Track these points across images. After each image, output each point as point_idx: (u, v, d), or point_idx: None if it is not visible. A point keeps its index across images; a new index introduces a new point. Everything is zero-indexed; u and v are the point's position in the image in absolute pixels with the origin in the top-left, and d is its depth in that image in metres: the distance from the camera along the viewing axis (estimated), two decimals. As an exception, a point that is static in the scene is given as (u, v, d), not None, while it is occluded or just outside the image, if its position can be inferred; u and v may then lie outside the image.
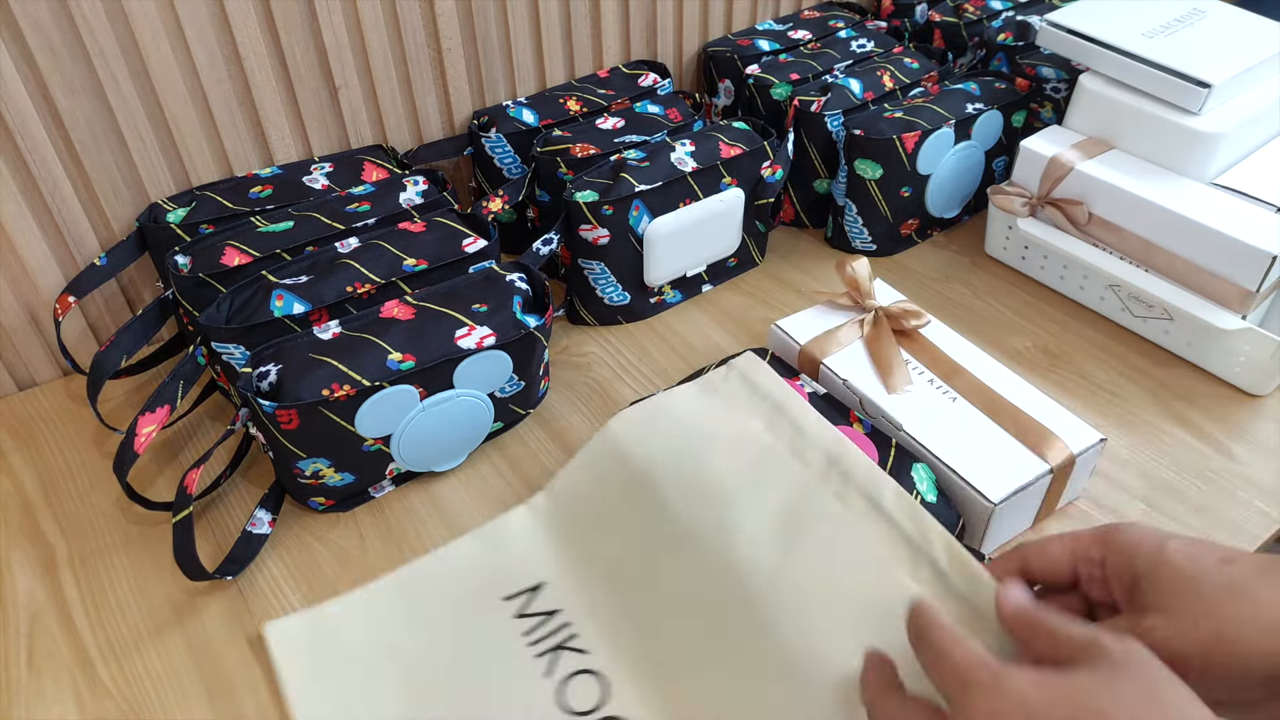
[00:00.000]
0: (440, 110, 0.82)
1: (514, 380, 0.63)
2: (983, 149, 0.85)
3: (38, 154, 0.65)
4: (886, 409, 0.61)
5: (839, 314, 0.69)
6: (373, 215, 0.68)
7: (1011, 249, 0.82)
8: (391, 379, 0.56)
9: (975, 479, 0.56)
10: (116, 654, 0.55)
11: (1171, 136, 0.73)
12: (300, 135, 0.76)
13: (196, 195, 0.70)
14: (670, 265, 0.77)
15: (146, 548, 0.60)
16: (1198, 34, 0.76)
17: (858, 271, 0.69)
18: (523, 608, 0.55)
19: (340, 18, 0.72)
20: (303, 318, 0.60)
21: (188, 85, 0.68)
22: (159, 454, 0.67)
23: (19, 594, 0.58)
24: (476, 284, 0.63)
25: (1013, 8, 1.00)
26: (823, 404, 0.61)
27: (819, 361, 0.65)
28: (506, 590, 0.55)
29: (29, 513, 0.63)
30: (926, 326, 0.67)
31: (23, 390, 0.73)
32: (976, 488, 0.55)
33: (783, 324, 0.69)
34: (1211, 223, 0.68)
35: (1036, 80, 0.87)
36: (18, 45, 0.61)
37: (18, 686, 0.53)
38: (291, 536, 0.61)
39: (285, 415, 0.55)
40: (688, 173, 0.73)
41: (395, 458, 0.61)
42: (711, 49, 0.94)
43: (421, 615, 0.55)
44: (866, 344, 0.66)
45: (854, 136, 0.79)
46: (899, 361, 0.64)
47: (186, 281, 0.63)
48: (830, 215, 0.88)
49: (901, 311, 0.67)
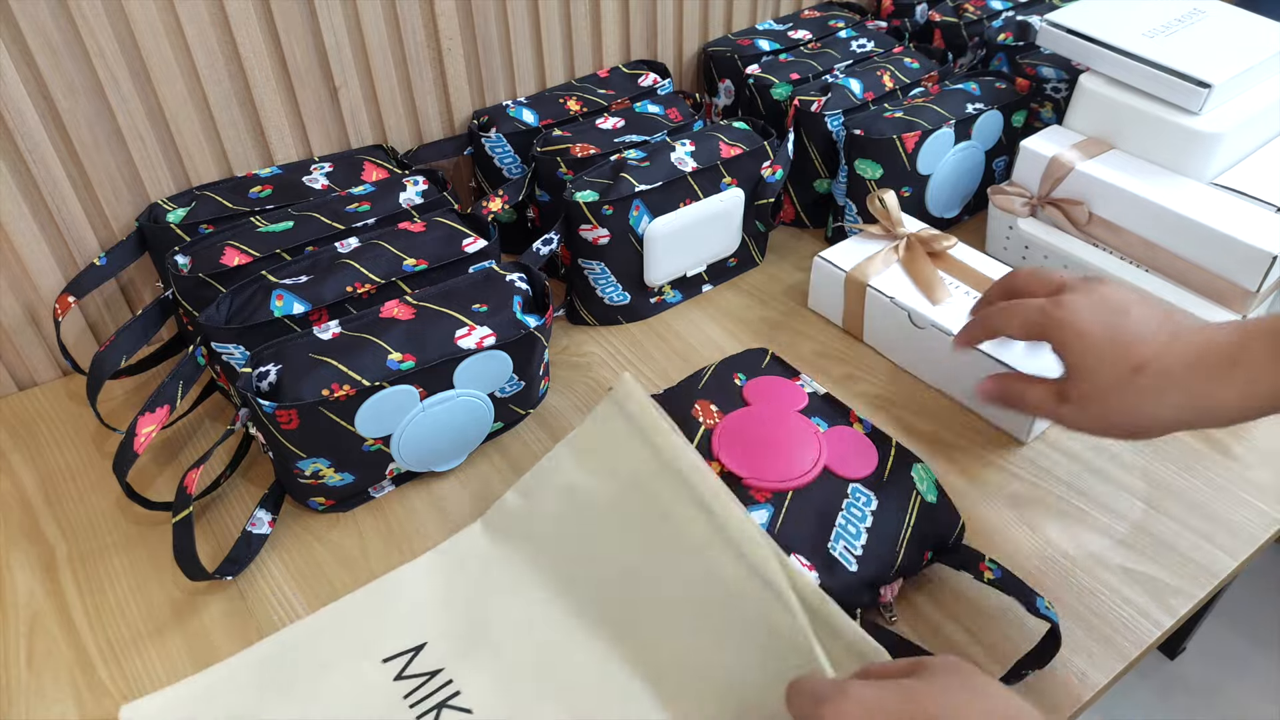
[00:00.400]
0: (440, 110, 0.82)
1: (514, 380, 0.63)
2: (983, 149, 0.85)
3: (38, 154, 0.65)
4: (934, 318, 0.68)
5: (874, 243, 0.76)
6: (373, 215, 0.68)
7: (1012, 249, 0.82)
8: (391, 379, 0.56)
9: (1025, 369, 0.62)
10: (116, 654, 0.54)
11: (1172, 136, 0.73)
12: (300, 135, 0.76)
13: (196, 195, 0.70)
14: (670, 265, 0.77)
15: (146, 548, 0.60)
16: (1198, 34, 0.76)
17: (887, 202, 0.76)
18: (402, 669, 0.52)
19: (340, 18, 0.72)
20: (303, 318, 0.60)
21: (188, 85, 0.68)
22: (159, 454, 0.67)
23: (19, 594, 0.58)
24: (476, 284, 0.63)
25: (1013, 8, 1.00)
26: (823, 404, 0.61)
27: (865, 284, 0.72)
28: (385, 652, 0.53)
29: (29, 513, 0.63)
30: (954, 248, 0.74)
31: (23, 390, 0.73)
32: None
33: (825, 254, 0.76)
34: (1212, 222, 0.68)
35: (1037, 80, 0.87)
36: (18, 45, 0.61)
37: (18, 686, 0.53)
38: (291, 536, 0.61)
39: (285, 415, 0.55)
40: (688, 173, 0.73)
41: (395, 458, 0.61)
42: (711, 49, 0.94)
43: (290, 685, 0.52)
44: (904, 265, 0.73)
45: (854, 136, 0.79)
46: (937, 277, 0.71)
47: (186, 281, 0.63)
48: (830, 215, 0.88)
49: (930, 236, 0.74)
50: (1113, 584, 0.56)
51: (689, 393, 0.62)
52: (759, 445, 0.57)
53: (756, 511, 0.53)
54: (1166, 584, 0.56)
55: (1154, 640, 0.54)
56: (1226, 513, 0.61)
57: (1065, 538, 0.59)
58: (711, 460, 0.57)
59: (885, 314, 0.72)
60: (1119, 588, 0.56)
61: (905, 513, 0.54)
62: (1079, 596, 0.56)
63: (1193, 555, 0.58)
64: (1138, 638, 0.54)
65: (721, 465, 0.56)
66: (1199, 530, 0.60)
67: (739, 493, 0.54)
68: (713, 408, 0.60)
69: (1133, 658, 0.53)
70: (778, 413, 0.60)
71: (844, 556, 0.52)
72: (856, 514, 0.54)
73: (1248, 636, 1.44)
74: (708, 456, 0.57)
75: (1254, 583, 1.48)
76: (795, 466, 0.55)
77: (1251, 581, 1.48)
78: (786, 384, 0.63)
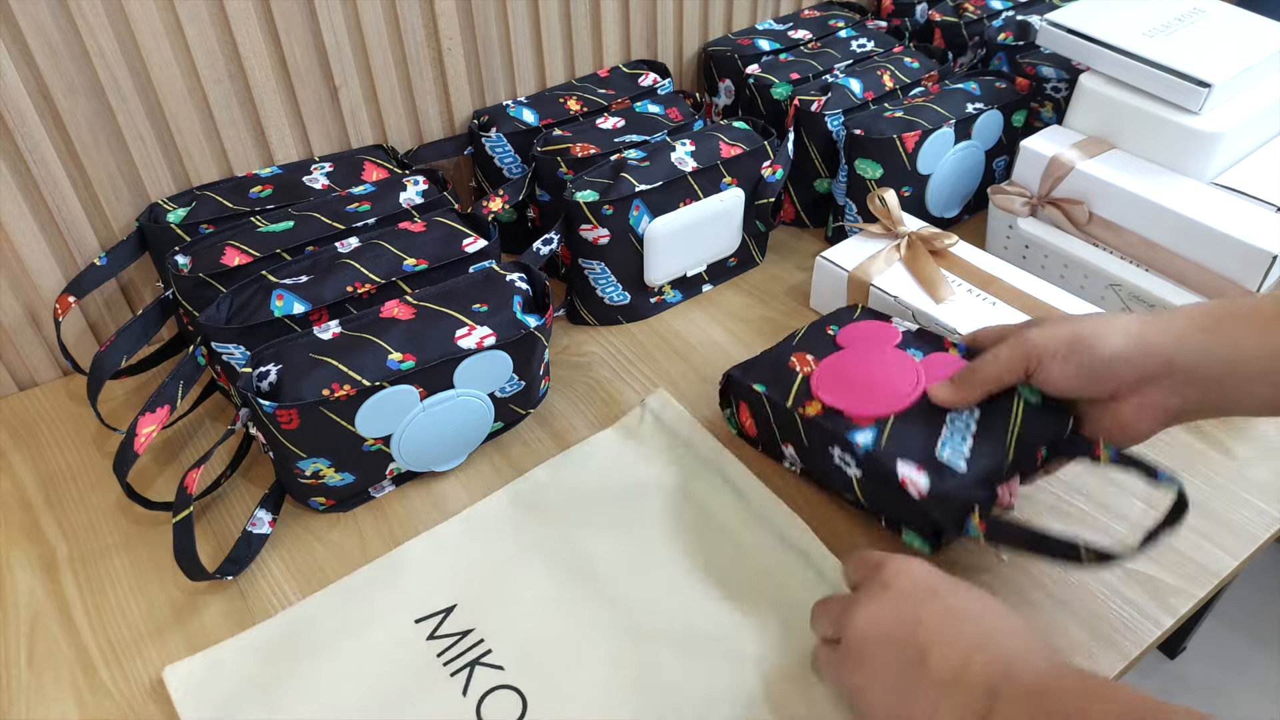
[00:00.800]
0: (440, 110, 0.82)
1: (514, 380, 0.63)
2: (983, 149, 0.85)
3: (38, 154, 0.65)
4: (938, 317, 0.68)
5: (875, 242, 0.76)
6: (373, 215, 0.68)
7: (1012, 249, 0.82)
8: (392, 379, 0.56)
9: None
10: (116, 654, 0.55)
11: (1172, 136, 0.73)
12: (300, 135, 0.76)
13: (196, 195, 0.70)
14: (670, 265, 0.77)
15: (146, 548, 0.61)
16: (1198, 33, 0.76)
17: (887, 201, 0.76)
18: (435, 629, 0.55)
19: (340, 18, 0.72)
20: (303, 318, 0.60)
21: (188, 85, 0.68)
22: (159, 454, 0.67)
23: (19, 594, 0.58)
24: (477, 284, 0.63)
25: (1013, 7, 1.00)
26: (917, 338, 0.61)
27: (868, 283, 0.72)
28: (417, 613, 0.55)
29: (29, 513, 0.63)
30: (955, 246, 0.74)
31: (23, 390, 0.73)
32: None
33: (827, 254, 0.76)
34: (1212, 222, 0.68)
35: (1037, 80, 0.87)
36: (18, 45, 0.61)
37: (18, 686, 0.53)
38: (292, 536, 0.61)
39: (285, 415, 0.55)
40: (688, 172, 0.73)
41: (395, 458, 0.61)
42: (712, 49, 0.94)
43: (327, 647, 0.54)
44: (906, 264, 0.73)
45: (854, 136, 0.79)
46: (940, 275, 0.71)
47: (186, 281, 0.63)
48: (830, 215, 0.88)
49: (931, 234, 0.74)
50: (1113, 584, 0.56)
51: (783, 351, 0.62)
52: (859, 381, 0.58)
53: (860, 434, 0.54)
54: (1166, 584, 0.56)
55: (1154, 640, 0.54)
56: (1226, 512, 0.61)
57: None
58: (811, 400, 0.58)
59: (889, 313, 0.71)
60: (1119, 588, 0.56)
61: (1010, 415, 0.54)
62: (1079, 596, 0.56)
63: (1193, 555, 0.58)
64: (1138, 638, 0.54)
65: (822, 403, 0.57)
66: (1199, 530, 0.60)
67: (841, 423, 0.56)
68: (808, 356, 0.61)
69: (1133, 657, 0.53)
70: (874, 350, 0.60)
71: (952, 461, 0.52)
72: (961, 424, 0.54)
73: (1248, 636, 1.44)
74: (807, 398, 0.58)
75: (1254, 583, 1.48)
76: (896, 393, 0.56)
77: (1251, 581, 1.48)
78: (880, 325, 0.63)
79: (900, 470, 0.52)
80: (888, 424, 0.55)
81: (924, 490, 0.51)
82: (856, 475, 0.56)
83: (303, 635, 0.54)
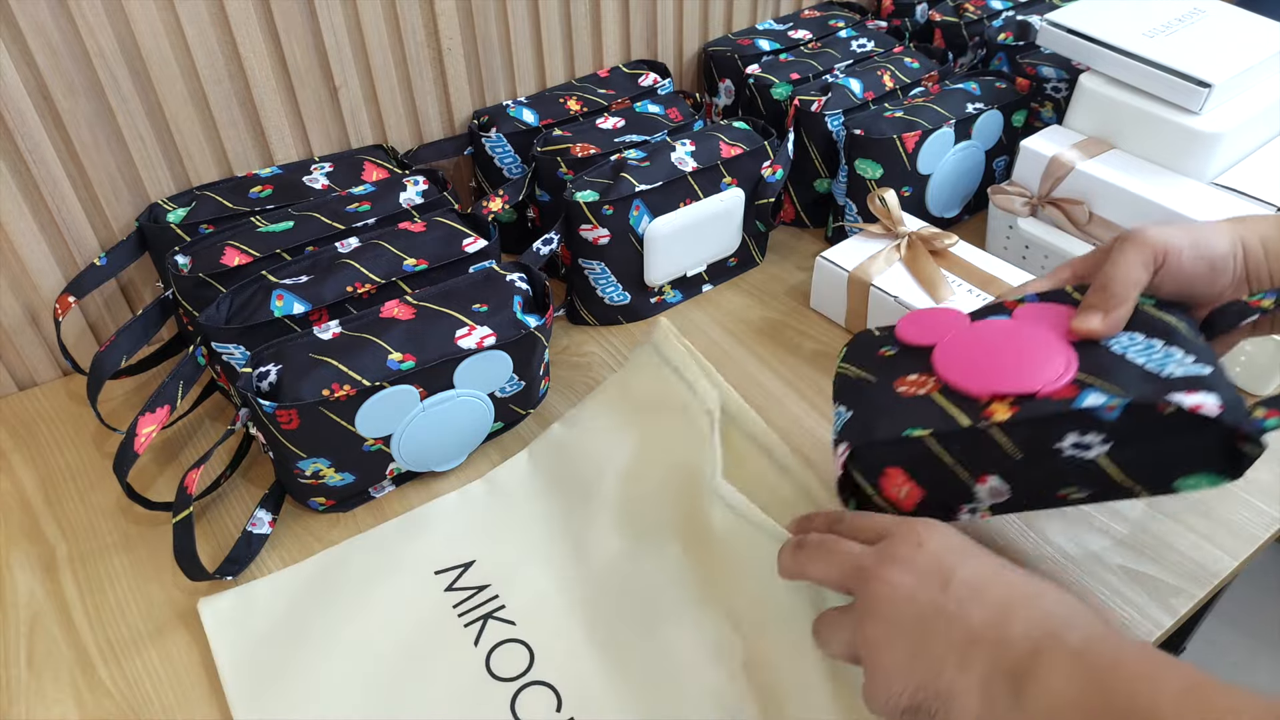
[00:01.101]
0: (440, 110, 0.82)
1: (514, 380, 0.63)
2: (983, 149, 0.85)
3: (38, 154, 0.65)
4: None
5: (875, 242, 0.76)
6: (373, 215, 0.68)
7: (1012, 249, 0.82)
8: (392, 379, 0.56)
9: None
10: (116, 654, 0.55)
11: (1172, 136, 0.73)
12: (300, 135, 0.76)
13: (196, 195, 0.70)
14: (670, 265, 0.77)
15: (146, 548, 0.60)
16: (1198, 34, 0.76)
17: (887, 201, 0.76)
18: (453, 581, 0.57)
19: (340, 18, 0.72)
20: (303, 318, 0.60)
21: (188, 85, 0.68)
22: (159, 454, 0.67)
23: (19, 594, 0.58)
24: (477, 284, 0.63)
25: (1013, 7, 1.00)
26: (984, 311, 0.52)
27: (868, 283, 0.72)
28: (438, 565, 0.58)
29: (29, 513, 0.63)
30: (955, 246, 0.74)
31: (23, 390, 0.73)
32: None
33: (828, 254, 0.75)
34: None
35: (1037, 80, 0.87)
36: (18, 45, 0.61)
37: (18, 686, 0.53)
38: (291, 537, 0.61)
39: (285, 415, 0.55)
40: (688, 172, 0.73)
41: (395, 458, 0.61)
42: (712, 49, 0.94)
43: (352, 589, 0.56)
44: (906, 264, 0.73)
45: (854, 136, 0.79)
46: (940, 275, 0.71)
47: (186, 281, 0.63)
48: (830, 215, 0.88)
49: (931, 234, 0.74)
50: (1113, 584, 0.56)
51: (876, 392, 0.52)
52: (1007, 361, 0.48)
53: (1089, 397, 0.43)
54: (1166, 584, 0.56)
55: (1154, 640, 0.54)
56: (1226, 512, 0.61)
57: (1065, 538, 0.59)
58: (987, 406, 0.46)
59: (889, 313, 0.71)
60: (1119, 588, 0.56)
61: (1161, 320, 0.48)
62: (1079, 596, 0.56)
63: (1193, 555, 0.58)
64: (1138, 637, 0.54)
65: (1004, 398, 0.46)
66: (1199, 530, 0.60)
67: (1052, 404, 0.44)
68: (911, 376, 0.51)
69: (1133, 658, 0.53)
70: (970, 334, 0.51)
71: (1195, 371, 0.44)
72: (1138, 347, 0.46)
73: (1248, 636, 1.44)
74: (981, 408, 0.46)
75: (1254, 583, 1.48)
76: (1052, 351, 0.47)
77: (1251, 581, 1.48)
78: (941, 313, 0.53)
79: (1180, 400, 0.41)
80: (1092, 380, 0.44)
81: (1217, 405, 0.41)
82: (1102, 452, 0.44)
83: (332, 577, 0.57)
